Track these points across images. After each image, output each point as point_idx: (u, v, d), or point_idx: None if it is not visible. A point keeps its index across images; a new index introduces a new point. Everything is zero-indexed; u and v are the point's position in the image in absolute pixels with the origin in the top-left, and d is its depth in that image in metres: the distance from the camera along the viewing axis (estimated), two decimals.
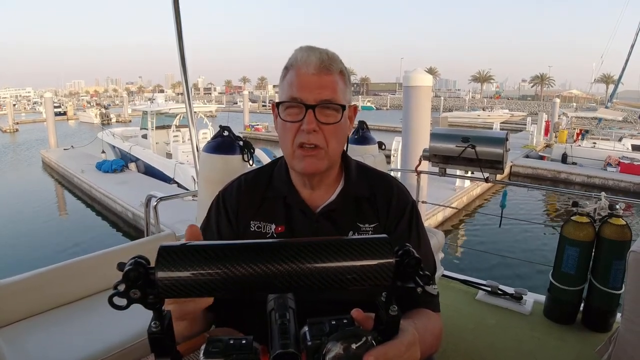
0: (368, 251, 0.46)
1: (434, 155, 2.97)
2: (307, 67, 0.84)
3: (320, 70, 0.84)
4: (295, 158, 0.88)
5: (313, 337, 0.49)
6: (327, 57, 0.86)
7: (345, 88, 0.89)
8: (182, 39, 2.68)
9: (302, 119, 0.85)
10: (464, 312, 2.64)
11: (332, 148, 0.88)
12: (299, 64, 0.85)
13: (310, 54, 0.86)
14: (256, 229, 0.94)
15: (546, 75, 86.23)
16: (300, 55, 0.86)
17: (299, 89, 0.85)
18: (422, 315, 0.86)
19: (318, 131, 0.85)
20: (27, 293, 1.84)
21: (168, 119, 14.22)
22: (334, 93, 0.86)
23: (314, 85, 0.84)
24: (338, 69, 0.87)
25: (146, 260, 0.44)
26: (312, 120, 0.84)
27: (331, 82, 0.86)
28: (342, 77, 0.88)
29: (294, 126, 0.86)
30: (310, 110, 0.84)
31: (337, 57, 0.89)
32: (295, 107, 0.86)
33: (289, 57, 0.90)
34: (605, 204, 2.40)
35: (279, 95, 0.90)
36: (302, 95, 0.84)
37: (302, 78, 0.85)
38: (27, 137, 29.20)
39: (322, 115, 0.85)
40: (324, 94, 0.85)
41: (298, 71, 0.85)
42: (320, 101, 0.84)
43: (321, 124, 0.85)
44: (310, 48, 0.88)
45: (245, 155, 1.98)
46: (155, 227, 2.55)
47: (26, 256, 8.05)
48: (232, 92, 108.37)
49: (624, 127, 18.76)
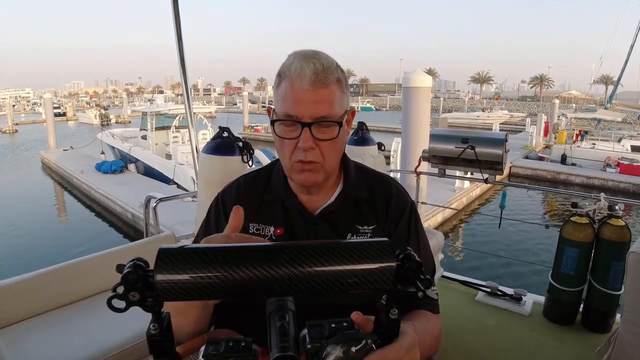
0: (369, 255, 0.46)
1: (433, 156, 2.97)
2: (301, 81, 0.80)
3: (315, 85, 0.80)
4: (294, 172, 0.88)
5: (312, 340, 0.49)
6: (322, 69, 0.81)
7: (343, 95, 0.86)
8: (182, 40, 2.68)
9: (298, 136, 0.83)
10: (464, 313, 2.64)
11: (328, 162, 0.87)
12: (292, 77, 0.81)
13: (304, 65, 0.81)
14: (255, 231, 0.94)
15: (545, 76, 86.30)
16: (294, 67, 0.81)
17: (293, 105, 0.81)
18: (422, 316, 0.86)
19: (315, 148, 0.84)
20: (27, 294, 1.84)
21: (167, 120, 14.22)
22: (330, 108, 0.82)
23: (309, 101, 0.81)
24: (334, 79, 0.83)
25: (145, 263, 0.44)
26: (308, 139, 0.82)
27: (327, 96, 0.82)
28: (339, 85, 0.85)
29: (291, 143, 0.85)
30: (306, 129, 0.82)
31: (333, 65, 0.84)
32: (290, 125, 0.83)
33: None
34: (604, 204, 2.41)
35: (274, 105, 0.87)
36: (297, 112, 0.81)
37: (297, 94, 0.81)
38: (26, 137, 29.18)
39: (319, 132, 0.83)
40: (320, 109, 0.81)
41: (292, 85, 0.81)
42: (316, 118, 0.82)
43: (318, 140, 0.84)
44: (304, 57, 0.83)
45: (245, 156, 1.98)
46: (155, 228, 2.55)
47: (25, 257, 8.04)
48: (232, 93, 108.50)
49: (623, 128, 18.82)
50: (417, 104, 4.10)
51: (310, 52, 0.85)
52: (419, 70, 4.23)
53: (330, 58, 0.86)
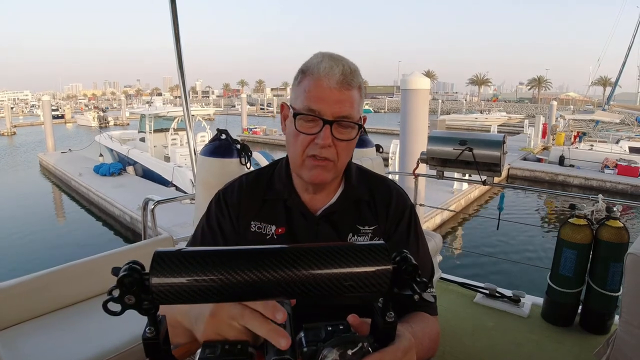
0: (365, 258, 0.46)
1: (431, 158, 2.97)
2: (328, 79, 0.82)
3: (342, 85, 0.82)
4: (304, 167, 0.88)
5: (309, 342, 0.49)
6: (349, 71, 0.84)
7: (361, 101, 0.88)
8: (180, 43, 2.68)
9: (318, 133, 0.83)
10: (462, 315, 2.64)
11: (341, 161, 0.88)
12: (320, 74, 0.83)
13: (334, 65, 0.83)
14: (256, 229, 0.94)
15: (543, 78, 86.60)
16: (323, 65, 0.83)
17: (317, 101, 0.82)
18: (420, 318, 0.86)
19: (332, 146, 0.85)
20: (23, 297, 1.83)
21: (166, 122, 14.21)
22: (351, 109, 0.84)
23: (333, 100, 0.82)
24: (357, 84, 0.85)
25: (141, 266, 0.44)
26: (328, 136, 0.83)
27: (350, 98, 0.84)
28: (359, 91, 0.87)
29: (307, 138, 0.85)
30: (327, 126, 0.82)
31: (358, 71, 0.87)
32: (311, 120, 0.84)
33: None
34: (602, 206, 2.41)
35: (293, 100, 0.88)
36: (320, 109, 0.82)
37: (323, 91, 0.82)
38: (24, 140, 29.13)
39: (338, 132, 0.84)
40: (343, 109, 0.83)
41: (318, 82, 0.83)
42: (339, 117, 0.83)
43: (336, 139, 0.85)
44: (332, 58, 0.85)
45: (243, 158, 1.98)
46: (153, 231, 2.54)
47: (23, 259, 8.01)
48: (230, 95, 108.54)
49: (621, 129, 18.86)
50: (415, 106, 4.10)
51: (337, 54, 0.88)
52: (417, 72, 4.23)
53: (355, 64, 0.88)
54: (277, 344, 0.48)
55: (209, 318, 0.55)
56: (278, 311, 0.51)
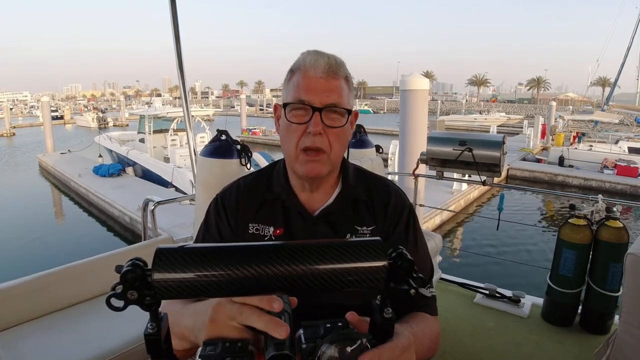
0: (361, 253, 0.46)
1: (431, 158, 2.97)
2: (314, 70, 0.85)
3: (328, 74, 0.85)
4: (298, 162, 0.88)
5: (307, 339, 0.49)
6: (334, 62, 0.87)
7: (350, 93, 0.90)
8: (180, 43, 2.68)
9: (308, 121, 0.85)
10: (462, 315, 2.64)
11: (335, 152, 0.89)
12: (306, 67, 0.86)
13: (319, 57, 0.87)
14: (254, 231, 0.94)
15: (543, 78, 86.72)
16: (308, 59, 0.87)
17: (306, 91, 0.85)
18: (419, 319, 0.86)
19: (323, 134, 0.86)
20: (24, 298, 1.83)
21: (165, 123, 14.22)
22: (340, 97, 0.87)
23: (321, 88, 0.85)
24: (344, 75, 0.89)
25: (144, 262, 0.45)
26: (318, 123, 0.84)
27: (337, 87, 0.87)
28: (347, 83, 0.89)
29: (299, 128, 0.86)
30: (317, 113, 0.84)
31: (344, 63, 0.90)
32: (301, 109, 0.86)
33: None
34: (602, 206, 2.41)
35: (284, 97, 0.90)
36: (309, 98, 0.85)
37: (310, 81, 0.85)
38: (24, 140, 29.12)
39: (328, 119, 0.86)
40: (331, 97, 0.85)
41: (305, 74, 0.86)
42: (327, 104, 0.85)
43: (327, 127, 0.86)
44: (317, 52, 0.89)
45: (243, 159, 1.98)
46: (153, 232, 2.54)
47: (22, 261, 8.00)
48: (230, 96, 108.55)
49: (620, 129, 18.87)
50: (415, 107, 4.10)
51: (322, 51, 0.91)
52: (417, 72, 4.23)
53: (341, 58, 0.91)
54: (275, 333, 0.49)
55: (208, 324, 0.57)
56: (274, 301, 0.54)
